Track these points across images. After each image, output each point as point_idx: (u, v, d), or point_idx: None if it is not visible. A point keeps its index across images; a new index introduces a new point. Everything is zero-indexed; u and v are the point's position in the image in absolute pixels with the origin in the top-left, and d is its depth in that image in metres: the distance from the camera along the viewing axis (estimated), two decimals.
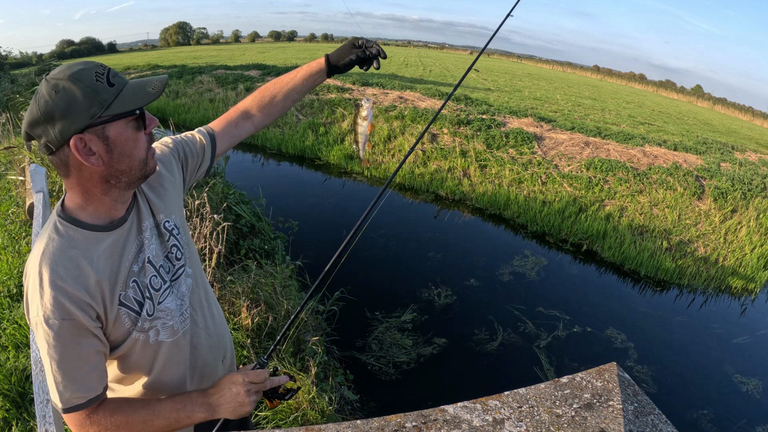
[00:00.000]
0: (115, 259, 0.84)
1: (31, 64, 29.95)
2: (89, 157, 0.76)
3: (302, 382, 2.28)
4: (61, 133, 0.73)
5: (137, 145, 0.81)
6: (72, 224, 0.80)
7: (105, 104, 0.74)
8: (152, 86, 0.81)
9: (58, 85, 0.72)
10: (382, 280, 4.36)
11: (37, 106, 0.73)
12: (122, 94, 0.77)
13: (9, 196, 4.53)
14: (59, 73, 0.74)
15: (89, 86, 0.73)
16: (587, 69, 61.62)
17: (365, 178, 7.38)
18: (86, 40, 50.42)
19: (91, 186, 0.80)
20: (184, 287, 0.97)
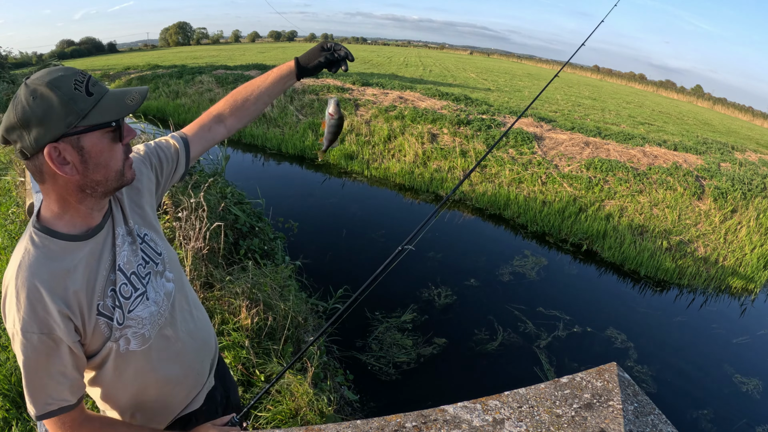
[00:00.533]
0: (93, 268, 0.83)
1: (31, 64, 29.95)
2: (63, 167, 0.75)
3: (300, 383, 2.28)
4: (36, 141, 0.72)
5: (113, 156, 0.80)
6: (48, 235, 0.79)
7: (82, 114, 0.73)
8: (131, 98, 0.80)
9: (36, 91, 0.71)
10: (382, 280, 4.35)
11: (14, 111, 0.72)
12: (100, 104, 0.76)
13: (9, 196, 4.53)
14: (39, 78, 0.73)
15: (67, 94, 0.72)
16: (587, 69, 61.64)
17: (365, 178, 7.38)
18: (86, 40, 50.40)
19: (67, 194, 0.79)
20: (162, 293, 0.96)
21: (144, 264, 0.93)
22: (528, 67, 48.41)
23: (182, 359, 1.01)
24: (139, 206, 0.97)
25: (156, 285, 0.95)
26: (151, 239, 0.97)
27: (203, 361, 1.09)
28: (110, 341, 0.85)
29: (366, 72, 18.16)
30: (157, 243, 0.99)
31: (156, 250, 0.98)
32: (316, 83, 11.74)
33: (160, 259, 0.98)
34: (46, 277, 0.76)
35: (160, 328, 0.94)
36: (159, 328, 0.94)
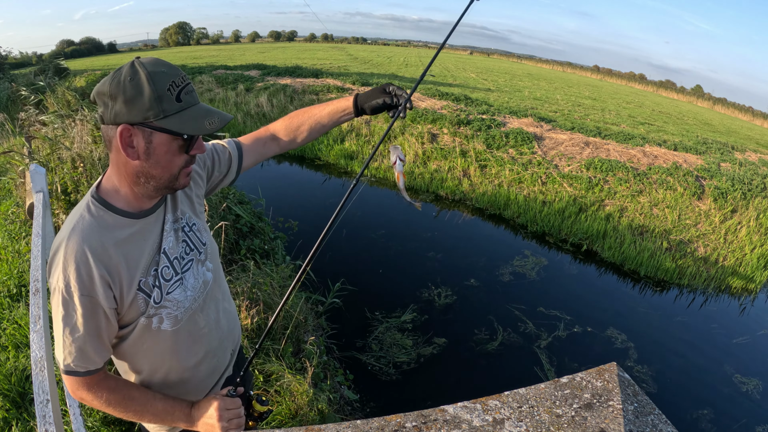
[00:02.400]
0: (140, 246, 0.88)
1: (31, 64, 29.91)
2: (128, 148, 0.80)
3: (300, 383, 2.28)
4: (116, 116, 0.77)
5: (174, 162, 0.84)
6: (104, 206, 0.84)
7: (162, 114, 0.78)
8: (211, 121, 0.83)
9: (136, 74, 0.76)
10: (382, 280, 4.36)
11: (111, 80, 0.77)
12: (182, 114, 0.80)
13: (9, 196, 4.53)
14: (144, 64, 0.78)
15: (158, 91, 0.76)
16: (587, 69, 61.65)
17: (365, 178, 7.38)
18: (86, 40, 50.36)
19: (124, 172, 0.84)
20: (200, 281, 1.01)
21: (188, 251, 0.99)
22: (528, 67, 48.40)
23: (207, 345, 1.05)
24: (190, 198, 1.04)
25: (196, 272, 1.00)
26: (198, 229, 1.04)
27: (226, 349, 1.14)
28: (144, 317, 0.90)
29: (366, 72, 18.17)
30: (202, 233, 1.05)
31: (201, 239, 1.04)
32: (316, 83, 11.74)
33: (204, 249, 1.04)
34: (95, 244, 0.80)
35: (192, 313, 0.99)
36: (191, 313, 0.99)
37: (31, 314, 1.54)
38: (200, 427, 0.94)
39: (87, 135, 3.98)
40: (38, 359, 1.36)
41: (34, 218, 2.38)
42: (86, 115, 4.43)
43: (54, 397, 1.29)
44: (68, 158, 3.72)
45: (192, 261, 0.99)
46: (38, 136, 4.18)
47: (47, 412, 1.24)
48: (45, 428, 1.18)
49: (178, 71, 0.81)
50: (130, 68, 0.77)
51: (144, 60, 0.79)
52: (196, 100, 0.84)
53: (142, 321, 0.90)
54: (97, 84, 0.81)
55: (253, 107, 10.36)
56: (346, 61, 25.48)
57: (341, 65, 21.41)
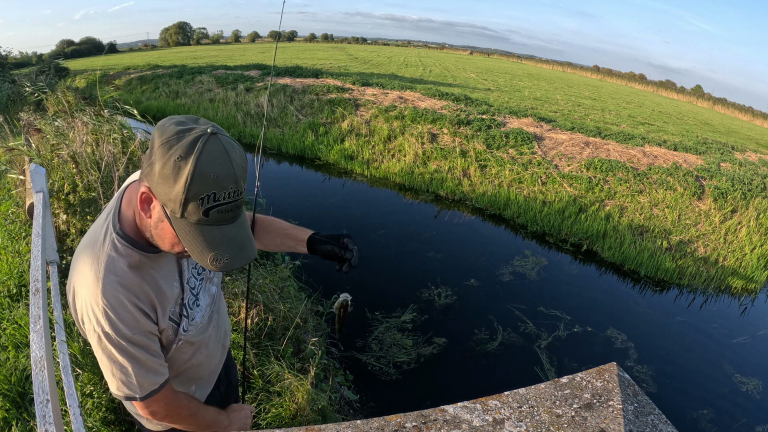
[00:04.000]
0: (165, 279, 0.90)
1: (31, 64, 29.91)
2: (144, 205, 0.76)
3: (301, 384, 2.28)
4: (147, 176, 0.72)
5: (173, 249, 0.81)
6: (130, 244, 0.83)
7: (179, 215, 0.71)
8: (216, 261, 0.75)
9: (186, 158, 0.67)
10: (382, 280, 4.36)
11: (166, 140, 0.69)
12: (198, 229, 0.73)
13: (9, 196, 4.53)
14: (204, 155, 0.68)
15: (189, 194, 0.68)
16: (587, 69, 61.69)
17: (365, 178, 7.38)
18: (86, 40, 50.37)
19: (142, 220, 0.82)
20: (208, 296, 1.05)
21: (201, 271, 1.02)
22: (528, 67, 48.42)
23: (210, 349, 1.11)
24: None
25: (205, 290, 1.04)
26: None
27: (224, 348, 1.21)
28: (174, 344, 0.95)
29: (366, 72, 18.17)
30: None
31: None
32: (317, 83, 11.74)
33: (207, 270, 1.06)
34: (132, 286, 0.82)
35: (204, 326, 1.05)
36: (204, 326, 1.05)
37: (31, 314, 1.54)
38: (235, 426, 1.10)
39: (87, 135, 3.98)
40: (38, 359, 1.36)
41: (34, 218, 2.38)
42: (86, 116, 4.44)
43: (54, 397, 1.29)
44: (68, 158, 3.72)
45: (203, 280, 1.03)
46: (41, 131, 4.19)
47: (47, 412, 1.24)
48: (45, 428, 1.18)
49: (231, 183, 0.70)
50: (189, 146, 0.68)
51: (209, 146, 0.69)
52: (230, 220, 0.75)
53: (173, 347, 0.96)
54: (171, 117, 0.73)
55: (253, 107, 10.36)
56: (346, 61, 25.49)
57: (341, 65, 21.42)
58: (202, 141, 0.68)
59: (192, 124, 0.72)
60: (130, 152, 3.68)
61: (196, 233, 0.73)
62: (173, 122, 0.71)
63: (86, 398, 2.01)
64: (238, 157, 0.73)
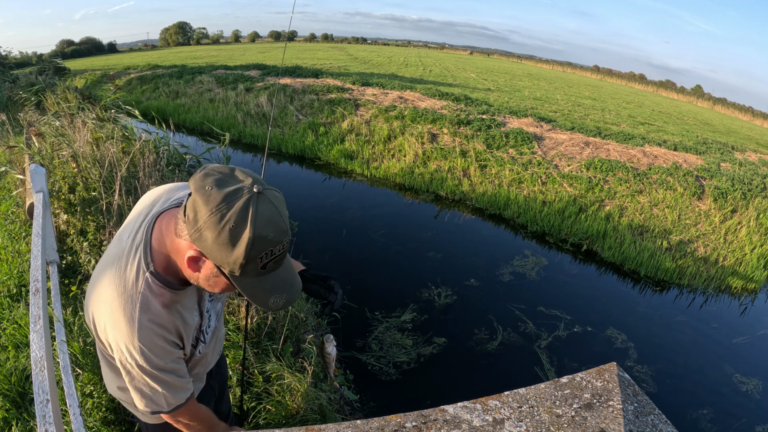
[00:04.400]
0: (190, 311, 0.96)
1: (31, 64, 29.89)
2: (192, 264, 0.79)
3: (300, 383, 2.28)
4: (197, 240, 0.72)
5: (225, 291, 0.87)
6: (163, 284, 0.86)
7: (239, 274, 0.74)
8: (276, 301, 0.81)
9: (242, 226, 0.68)
10: (382, 280, 4.36)
11: (216, 207, 0.68)
12: (256, 281, 0.76)
13: (9, 196, 4.53)
14: (259, 220, 0.69)
15: (249, 257, 0.70)
16: (587, 69, 61.71)
17: (365, 178, 7.38)
18: (86, 40, 50.35)
19: (179, 262, 0.84)
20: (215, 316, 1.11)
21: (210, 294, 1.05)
22: (528, 67, 48.42)
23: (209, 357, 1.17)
24: None
25: (214, 309, 1.09)
26: None
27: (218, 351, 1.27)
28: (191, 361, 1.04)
29: (366, 72, 18.17)
30: None
31: None
32: (317, 83, 11.74)
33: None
34: (165, 319, 0.87)
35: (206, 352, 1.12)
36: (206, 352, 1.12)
37: (31, 314, 1.54)
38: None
39: (87, 135, 3.98)
40: (38, 359, 1.36)
41: (34, 218, 2.38)
42: (87, 115, 4.43)
43: (54, 397, 1.29)
44: (69, 157, 3.72)
45: (212, 300, 1.09)
46: (41, 132, 4.19)
47: (47, 412, 1.24)
48: (45, 428, 1.18)
49: (283, 237, 0.73)
50: (241, 212, 0.68)
51: (261, 209, 0.70)
52: (281, 265, 0.80)
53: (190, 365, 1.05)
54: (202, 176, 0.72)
55: (253, 107, 10.36)
56: (346, 61, 25.49)
57: (341, 65, 21.42)
58: (253, 204, 0.69)
59: (233, 181, 0.71)
60: (132, 153, 3.68)
61: (255, 285, 0.77)
62: (213, 182, 0.70)
63: (86, 398, 2.02)
64: (284, 210, 0.76)
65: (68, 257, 3.09)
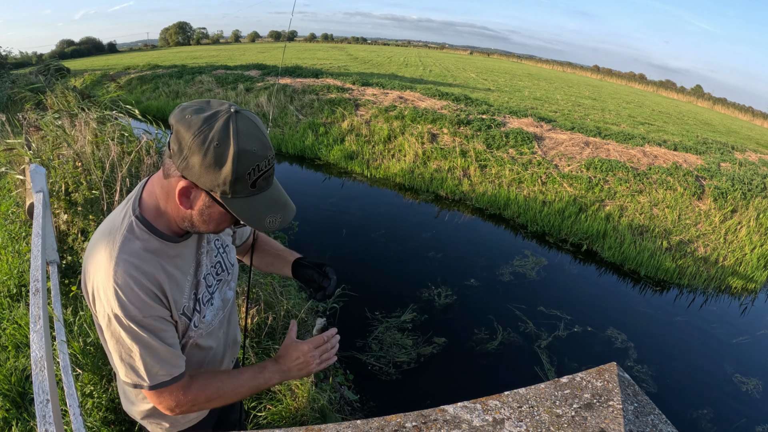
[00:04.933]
0: (182, 270, 0.89)
1: (31, 64, 29.92)
2: (183, 200, 0.78)
3: (301, 383, 2.28)
4: (185, 169, 0.73)
5: (220, 227, 0.84)
6: (148, 230, 0.83)
7: (231, 195, 0.74)
8: (272, 221, 0.80)
9: (225, 142, 0.70)
10: (382, 280, 4.36)
11: (198, 131, 0.70)
12: (249, 200, 0.76)
13: (9, 196, 4.53)
14: (241, 135, 0.71)
15: (238, 173, 0.72)
16: (587, 69, 61.73)
17: (365, 178, 7.38)
18: (86, 40, 50.36)
19: (172, 206, 0.82)
20: (221, 301, 1.04)
21: (219, 271, 1.02)
22: (528, 67, 48.42)
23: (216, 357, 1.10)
24: None
25: (221, 292, 1.03)
26: (230, 250, 1.08)
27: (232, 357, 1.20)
28: (184, 339, 0.93)
29: (366, 72, 18.17)
30: (230, 254, 1.08)
31: (230, 261, 1.07)
32: (317, 83, 11.74)
33: (232, 270, 1.07)
34: (147, 267, 0.80)
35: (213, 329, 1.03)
36: (212, 329, 1.03)
37: (31, 314, 1.54)
38: (294, 374, 0.97)
39: (88, 134, 3.98)
40: (38, 359, 1.36)
41: (34, 218, 2.38)
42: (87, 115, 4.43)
43: (54, 397, 1.29)
44: (69, 157, 3.72)
45: (221, 281, 1.02)
46: (42, 130, 4.19)
47: (47, 412, 1.24)
48: (45, 428, 1.18)
49: (267, 152, 0.75)
50: (222, 130, 0.70)
51: (240, 125, 0.71)
52: (271, 183, 0.81)
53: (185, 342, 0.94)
54: (180, 111, 0.73)
55: (253, 107, 10.36)
56: (346, 61, 25.49)
57: (341, 65, 21.42)
58: (233, 122, 0.71)
59: (210, 108, 0.73)
60: (133, 153, 3.68)
61: (249, 205, 0.77)
62: (192, 111, 0.72)
63: (86, 398, 2.02)
64: (263, 126, 0.77)
65: (68, 257, 3.09)
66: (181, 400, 0.86)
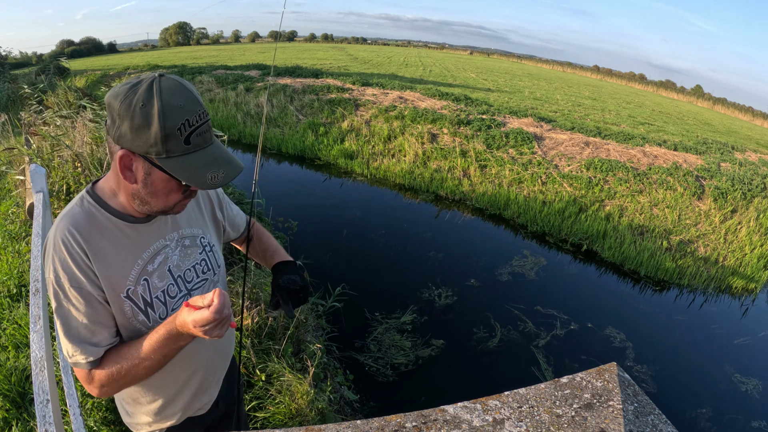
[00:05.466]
0: (130, 251, 0.85)
1: (31, 64, 29.94)
2: (126, 172, 0.77)
3: (301, 383, 2.28)
4: (119, 138, 0.74)
5: (170, 197, 0.81)
6: (97, 203, 0.83)
7: (165, 154, 0.73)
8: (214, 176, 0.77)
9: (150, 102, 0.70)
10: (382, 280, 4.36)
11: (124, 98, 0.71)
12: (186, 158, 0.75)
13: (9, 196, 4.53)
14: (164, 93, 0.71)
15: (167, 129, 0.71)
16: (587, 69, 61.75)
17: (365, 178, 7.38)
18: (86, 40, 50.38)
19: (122, 187, 0.82)
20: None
21: (205, 270, 0.99)
22: (528, 67, 48.44)
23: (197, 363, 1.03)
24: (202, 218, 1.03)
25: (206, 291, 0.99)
26: (216, 250, 1.05)
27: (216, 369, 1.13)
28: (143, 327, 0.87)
29: (366, 72, 18.17)
30: (217, 255, 1.05)
31: (217, 261, 1.04)
32: (317, 83, 11.75)
33: (219, 271, 1.05)
34: (83, 233, 0.79)
35: None
36: None
37: (31, 314, 1.54)
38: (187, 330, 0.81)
39: (88, 134, 3.98)
40: (38, 359, 1.36)
41: (34, 218, 2.38)
42: (87, 115, 4.44)
43: (54, 397, 1.29)
44: (69, 158, 3.72)
45: (206, 281, 1.00)
46: (41, 133, 4.19)
47: (47, 412, 1.24)
48: (45, 428, 1.18)
49: (197, 107, 0.74)
50: (146, 92, 0.71)
51: (164, 85, 0.72)
52: (208, 140, 0.78)
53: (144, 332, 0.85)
54: (111, 88, 0.76)
55: (253, 107, 10.36)
56: (346, 61, 25.49)
57: (341, 65, 21.42)
58: (156, 83, 0.72)
59: (137, 79, 0.74)
60: None
61: (187, 163, 0.75)
62: (120, 85, 0.74)
63: (86, 398, 2.02)
64: (192, 86, 0.77)
65: None
66: (102, 381, 0.82)
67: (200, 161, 0.76)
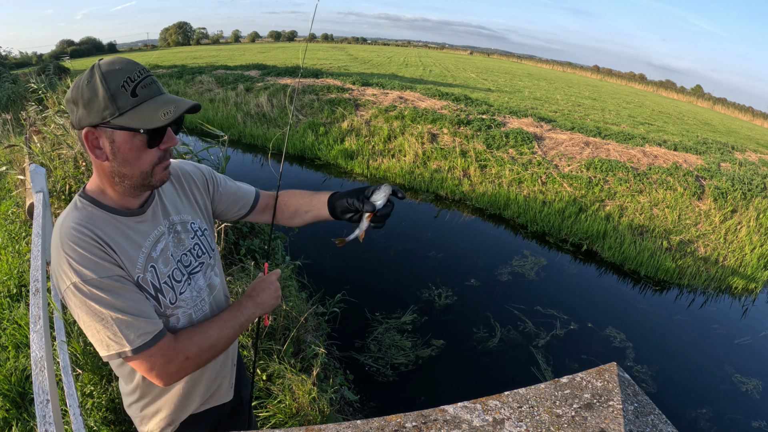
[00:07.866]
0: (131, 242, 0.87)
1: (31, 64, 29.96)
2: (95, 150, 0.81)
3: (302, 383, 2.28)
4: (79, 120, 0.79)
5: (141, 158, 0.83)
6: (91, 203, 0.85)
7: (117, 112, 0.77)
8: (166, 112, 0.79)
9: (92, 77, 0.77)
10: (382, 280, 4.36)
11: (73, 86, 0.80)
12: (138, 109, 0.79)
13: (9, 196, 4.53)
14: (102, 65, 0.78)
15: (112, 89, 0.77)
16: (587, 69, 61.76)
17: (365, 178, 7.38)
18: (86, 40, 50.44)
19: (102, 174, 0.85)
20: (203, 282, 1.03)
21: (200, 254, 1.03)
22: (528, 66, 48.44)
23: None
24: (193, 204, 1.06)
25: (205, 275, 1.04)
26: (209, 234, 1.08)
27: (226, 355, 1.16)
28: (161, 316, 0.90)
29: (366, 72, 18.17)
30: (210, 239, 1.08)
31: (211, 245, 1.08)
32: (317, 83, 11.75)
33: (213, 254, 1.08)
34: (89, 234, 0.80)
35: (203, 315, 1.02)
36: (202, 314, 1.02)
37: (31, 314, 1.54)
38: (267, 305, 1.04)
39: None
40: (38, 359, 1.36)
41: (34, 218, 2.38)
42: None
43: (54, 397, 1.29)
44: (69, 158, 3.72)
45: (203, 264, 1.03)
46: (43, 131, 4.19)
47: (47, 412, 1.24)
48: (45, 428, 1.18)
49: (135, 66, 0.79)
50: (88, 72, 0.78)
51: (102, 62, 0.79)
52: (156, 92, 0.81)
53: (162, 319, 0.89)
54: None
55: (253, 107, 10.36)
56: (346, 61, 25.49)
57: (341, 65, 21.42)
58: (95, 65, 0.79)
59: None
60: None
61: (140, 112, 0.78)
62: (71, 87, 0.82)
63: (86, 398, 2.02)
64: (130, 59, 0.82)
65: None
66: (171, 356, 0.82)
67: (151, 107, 0.79)
